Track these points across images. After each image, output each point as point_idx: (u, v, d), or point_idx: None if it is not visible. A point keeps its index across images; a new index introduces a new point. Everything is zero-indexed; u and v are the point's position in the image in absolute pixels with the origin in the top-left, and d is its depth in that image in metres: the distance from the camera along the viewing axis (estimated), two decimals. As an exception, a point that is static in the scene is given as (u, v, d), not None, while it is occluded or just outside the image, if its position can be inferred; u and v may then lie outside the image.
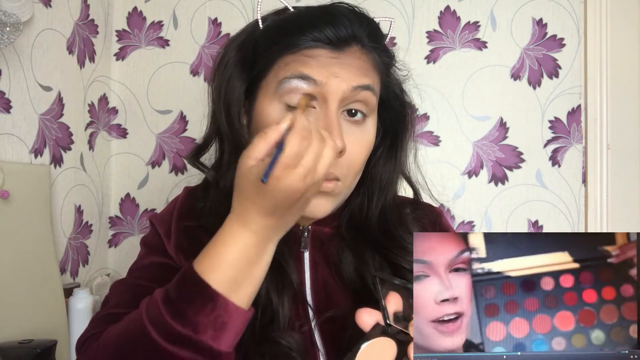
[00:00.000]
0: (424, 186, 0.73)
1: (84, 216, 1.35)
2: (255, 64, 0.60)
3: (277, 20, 0.62)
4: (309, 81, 0.56)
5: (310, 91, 0.56)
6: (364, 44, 0.59)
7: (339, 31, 0.57)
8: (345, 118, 0.59)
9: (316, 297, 0.63)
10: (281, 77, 0.57)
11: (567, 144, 1.36)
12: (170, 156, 1.47)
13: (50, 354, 0.94)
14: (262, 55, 0.60)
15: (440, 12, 1.40)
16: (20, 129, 1.10)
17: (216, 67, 0.64)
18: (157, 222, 0.68)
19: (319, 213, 0.59)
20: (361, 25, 0.59)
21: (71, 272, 1.29)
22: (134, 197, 1.49)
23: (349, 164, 0.59)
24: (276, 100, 0.58)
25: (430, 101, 1.39)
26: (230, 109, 0.61)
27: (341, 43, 0.57)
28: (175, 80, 1.47)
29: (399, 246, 0.64)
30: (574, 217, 1.36)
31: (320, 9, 0.60)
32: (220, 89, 0.62)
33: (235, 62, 0.62)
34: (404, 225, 0.66)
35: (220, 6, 1.46)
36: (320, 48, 0.57)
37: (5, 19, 0.95)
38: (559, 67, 1.37)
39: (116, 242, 1.49)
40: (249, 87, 0.62)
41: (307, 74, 0.56)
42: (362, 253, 0.64)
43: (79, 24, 1.31)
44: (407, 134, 0.68)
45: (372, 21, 0.62)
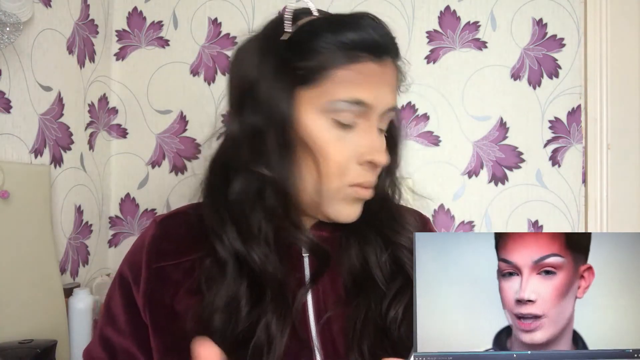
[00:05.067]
0: (409, 186, 0.75)
1: (84, 216, 1.35)
2: (299, 68, 0.57)
3: (325, 26, 0.58)
4: (362, 105, 0.58)
5: (358, 113, 0.58)
6: (395, 57, 0.61)
7: (383, 43, 0.58)
8: None
9: (316, 300, 0.63)
10: (335, 97, 0.57)
11: (567, 144, 1.36)
12: (170, 156, 1.47)
13: (50, 354, 0.94)
14: (310, 59, 0.57)
15: (440, 12, 1.41)
16: (20, 129, 1.10)
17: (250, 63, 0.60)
18: (126, 266, 0.65)
19: (354, 218, 0.62)
20: (392, 37, 0.61)
21: (71, 272, 1.29)
22: (134, 197, 1.49)
23: (377, 172, 0.62)
24: (323, 115, 0.58)
25: (430, 101, 1.39)
26: (284, 118, 0.58)
27: (384, 55, 0.59)
28: (175, 80, 1.47)
29: (399, 224, 0.65)
30: (574, 217, 1.36)
31: (357, 16, 0.58)
32: (260, 93, 0.58)
33: (275, 63, 0.58)
34: (400, 211, 0.68)
35: (220, 6, 1.46)
36: (370, 62, 0.57)
37: (5, 19, 0.95)
38: (559, 67, 1.37)
39: (116, 242, 1.49)
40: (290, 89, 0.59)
41: (362, 99, 0.57)
42: (365, 234, 0.65)
43: (79, 24, 1.31)
44: (402, 143, 0.70)
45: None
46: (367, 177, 0.60)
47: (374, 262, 0.63)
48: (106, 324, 0.66)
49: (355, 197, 0.60)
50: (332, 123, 0.58)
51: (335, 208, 0.61)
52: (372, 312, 0.60)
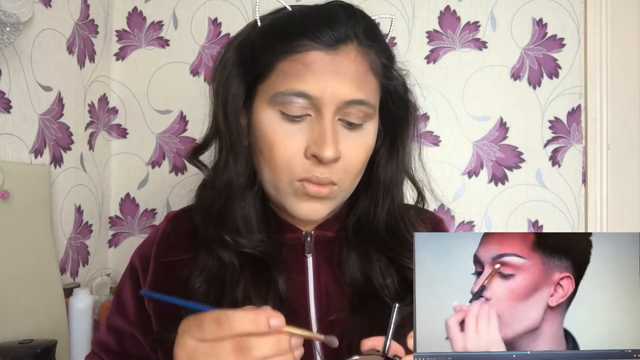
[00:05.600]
0: (427, 187, 0.72)
1: (84, 216, 1.35)
2: (254, 66, 0.60)
3: (272, 21, 0.61)
4: (304, 97, 0.55)
5: (305, 105, 0.56)
6: (361, 42, 0.58)
7: (334, 29, 0.56)
8: (343, 124, 0.58)
9: (319, 302, 0.63)
10: (277, 90, 0.56)
11: (567, 144, 1.36)
12: (170, 156, 1.47)
13: (50, 354, 0.94)
14: (260, 57, 0.59)
15: (440, 12, 1.40)
16: (20, 129, 1.10)
17: (215, 67, 0.64)
18: (137, 257, 0.68)
19: (315, 216, 0.59)
20: (357, 22, 0.58)
21: (71, 272, 1.29)
22: (134, 197, 1.49)
23: (346, 168, 0.58)
24: (270, 107, 0.57)
25: (430, 101, 1.39)
26: (227, 107, 0.61)
27: (337, 42, 0.56)
28: (175, 80, 1.47)
29: (406, 248, 0.63)
30: (574, 217, 1.36)
31: (314, 8, 0.59)
32: (218, 88, 0.62)
33: (233, 62, 0.62)
34: (411, 227, 0.66)
35: (220, 6, 1.46)
36: (316, 50, 0.56)
37: (5, 19, 0.95)
38: (559, 67, 1.37)
39: (116, 242, 1.49)
40: (249, 88, 0.61)
41: (303, 90, 0.55)
42: (369, 254, 0.63)
43: (79, 24, 1.31)
44: (408, 132, 0.67)
45: (369, 18, 0.60)
46: (314, 172, 0.56)
47: (377, 281, 0.62)
48: (114, 312, 0.68)
49: (305, 193, 0.57)
50: (279, 116, 0.57)
51: (289, 204, 0.59)
52: (377, 330, 0.59)
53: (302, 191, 0.57)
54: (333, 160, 0.55)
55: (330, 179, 0.57)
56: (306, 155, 0.56)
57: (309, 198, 0.58)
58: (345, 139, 0.57)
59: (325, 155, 0.54)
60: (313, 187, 0.57)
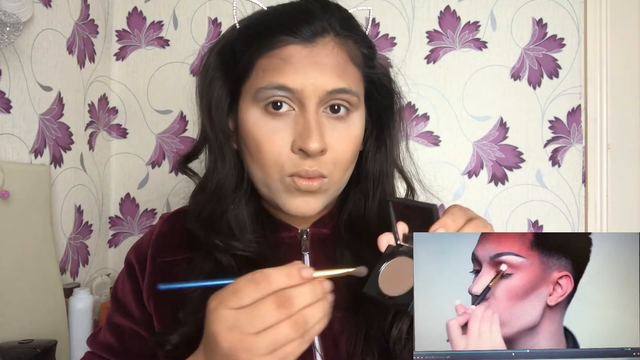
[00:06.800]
0: (416, 177, 0.71)
1: (84, 216, 1.35)
2: (235, 68, 0.61)
3: (249, 21, 0.62)
4: (285, 90, 0.56)
5: (287, 98, 0.57)
6: (338, 33, 0.58)
7: (310, 23, 0.57)
8: (329, 115, 0.58)
9: None
10: (258, 86, 0.57)
11: (567, 144, 1.36)
12: (170, 156, 1.47)
13: (50, 354, 0.94)
14: (240, 58, 0.60)
15: (440, 12, 1.41)
16: (20, 129, 1.10)
17: (198, 73, 0.65)
18: (133, 256, 0.68)
19: (308, 211, 0.60)
20: (332, 14, 0.58)
21: (71, 272, 1.29)
22: (134, 197, 1.49)
23: (335, 160, 0.58)
24: (255, 105, 0.58)
25: (430, 101, 1.39)
26: (211, 110, 0.62)
27: (314, 35, 0.57)
28: (175, 80, 1.47)
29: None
30: (574, 217, 1.36)
31: (290, 4, 0.60)
32: (202, 93, 0.63)
33: (215, 66, 0.63)
34: None
35: (220, 6, 1.46)
36: (293, 45, 0.56)
37: (5, 19, 0.95)
38: (559, 67, 1.37)
39: (116, 242, 1.49)
40: (233, 90, 0.62)
41: (282, 84, 0.56)
42: (360, 251, 0.63)
43: (79, 24, 1.31)
44: (395, 122, 0.67)
45: (343, 9, 0.61)
46: (303, 165, 0.56)
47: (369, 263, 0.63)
48: (115, 311, 0.68)
49: (296, 188, 0.58)
50: (263, 112, 0.58)
51: (282, 201, 0.60)
52: (374, 331, 0.59)
53: (293, 186, 0.58)
54: (319, 151, 0.55)
55: (319, 172, 0.57)
56: (293, 150, 0.57)
57: (301, 193, 0.58)
58: (331, 131, 0.58)
59: (310, 147, 0.55)
60: (303, 182, 0.57)
